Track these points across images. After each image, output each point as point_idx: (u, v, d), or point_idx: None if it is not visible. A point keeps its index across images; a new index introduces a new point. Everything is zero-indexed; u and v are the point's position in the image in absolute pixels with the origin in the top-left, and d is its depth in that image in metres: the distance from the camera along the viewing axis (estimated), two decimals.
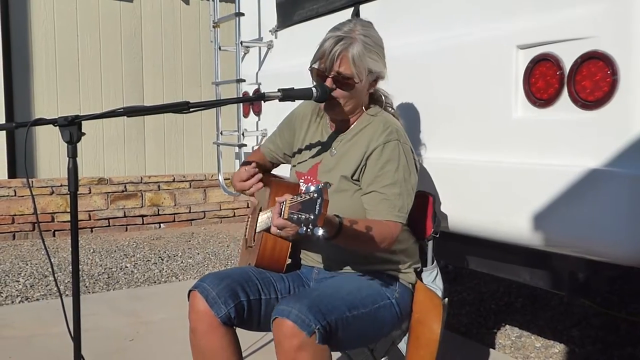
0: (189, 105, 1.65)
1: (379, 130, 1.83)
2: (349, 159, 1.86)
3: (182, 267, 4.71)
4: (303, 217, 1.41)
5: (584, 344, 3.09)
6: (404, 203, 1.79)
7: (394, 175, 1.78)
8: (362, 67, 1.78)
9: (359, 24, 1.81)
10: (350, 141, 1.90)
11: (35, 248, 5.31)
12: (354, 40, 1.76)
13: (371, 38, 1.80)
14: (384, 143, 1.80)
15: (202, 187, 6.57)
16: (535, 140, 1.85)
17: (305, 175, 1.97)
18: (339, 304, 1.66)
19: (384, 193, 1.77)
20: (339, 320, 1.63)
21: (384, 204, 1.77)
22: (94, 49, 6.55)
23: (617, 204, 1.63)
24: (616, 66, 1.62)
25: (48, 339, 3.00)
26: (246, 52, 3.58)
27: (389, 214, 1.76)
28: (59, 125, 1.56)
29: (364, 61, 1.78)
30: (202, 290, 1.77)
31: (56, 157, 6.34)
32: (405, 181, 1.79)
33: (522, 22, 1.89)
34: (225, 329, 1.77)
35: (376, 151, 1.80)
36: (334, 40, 1.76)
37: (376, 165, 1.80)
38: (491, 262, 2.29)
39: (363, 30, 1.79)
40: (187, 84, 7.06)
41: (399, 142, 1.81)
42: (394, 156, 1.79)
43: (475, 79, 2.05)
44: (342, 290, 1.75)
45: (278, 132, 2.14)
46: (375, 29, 1.86)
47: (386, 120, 1.87)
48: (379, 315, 1.78)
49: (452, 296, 3.86)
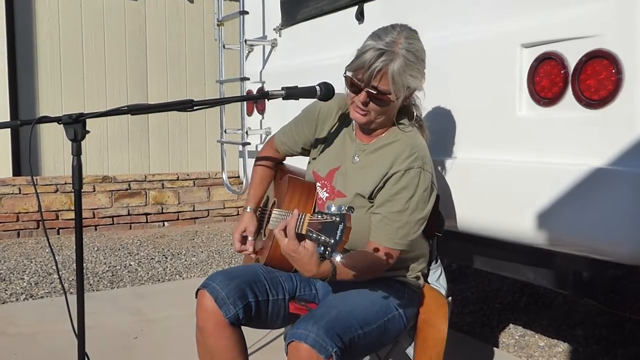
0: (193, 103, 1.65)
1: (405, 154, 1.76)
2: (368, 176, 1.81)
3: (186, 265, 4.72)
4: (322, 238, 1.40)
5: (588, 343, 3.09)
6: (409, 232, 1.74)
7: (405, 203, 1.73)
8: (400, 85, 1.70)
9: (402, 35, 1.71)
10: (373, 154, 1.85)
11: (39, 246, 5.33)
12: (396, 55, 1.67)
13: (413, 53, 1.71)
14: (406, 170, 1.74)
15: (206, 186, 6.57)
16: (539, 139, 1.84)
17: (322, 180, 1.93)
18: (353, 322, 1.65)
19: (389, 218, 1.74)
20: (353, 339, 1.62)
21: (386, 229, 1.74)
22: (99, 47, 6.56)
23: (621, 202, 1.62)
24: (621, 65, 1.61)
25: (52, 336, 3.01)
26: (250, 50, 3.58)
27: (388, 241, 1.73)
28: (64, 123, 1.56)
29: (403, 79, 1.69)
30: (211, 289, 1.76)
31: (60, 155, 6.35)
32: (416, 211, 1.74)
33: (527, 21, 1.89)
34: (232, 329, 1.77)
35: (396, 175, 1.75)
36: (376, 54, 1.66)
37: (391, 190, 1.75)
38: (495, 261, 2.29)
39: (406, 44, 1.69)
40: (191, 82, 7.06)
41: (422, 170, 1.75)
42: (411, 184, 1.74)
43: (479, 78, 2.05)
44: (357, 308, 1.72)
45: (295, 126, 2.06)
46: (419, 40, 1.76)
47: (413, 143, 1.80)
48: (388, 327, 1.77)
49: (455, 295, 3.86)
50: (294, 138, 2.05)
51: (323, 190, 1.91)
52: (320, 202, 1.90)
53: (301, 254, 1.51)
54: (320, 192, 1.91)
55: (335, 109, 1.96)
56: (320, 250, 1.41)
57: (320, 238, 1.41)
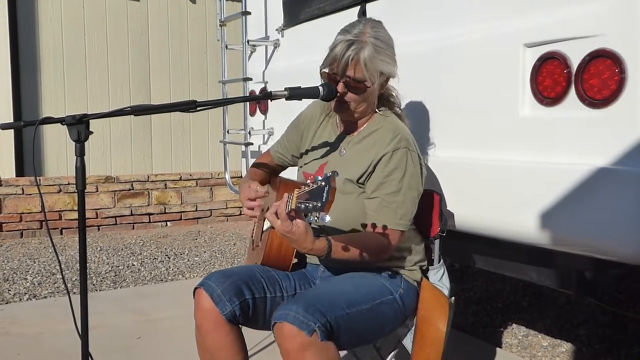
0: (195, 104, 1.65)
1: (388, 137, 1.83)
2: (356, 162, 1.87)
3: (189, 265, 4.72)
4: (310, 205, 1.43)
5: (591, 343, 3.08)
6: (407, 211, 1.80)
7: (398, 183, 1.79)
8: (373, 71, 1.78)
9: (368, 25, 1.80)
10: (359, 144, 1.90)
11: (43, 246, 5.34)
12: (365, 43, 1.75)
13: (381, 40, 1.79)
14: (393, 151, 1.80)
15: (209, 186, 6.58)
16: (542, 138, 1.84)
17: (312, 175, 1.96)
18: (337, 302, 1.66)
19: (386, 200, 1.78)
20: (339, 318, 1.62)
21: (385, 211, 1.78)
22: (101, 47, 6.57)
23: (624, 202, 1.62)
24: (624, 64, 1.61)
25: (56, 336, 3.02)
26: (253, 50, 3.58)
27: (390, 221, 1.77)
28: (67, 124, 1.57)
29: (375, 64, 1.77)
30: (207, 287, 1.78)
31: (64, 155, 6.37)
32: (410, 189, 1.80)
33: (529, 20, 1.88)
34: (230, 327, 1.78)
35: (384, 158, 1.81)
36: (345, 45, 1.75)
37: (382, 172, 1.80)
38: (498, 260, 2.29)
39: (373, 32, 1.78)
40: (194, 82, 7.08)
41: (408, 150, 1.81)
42: (401, 164, 1.80)
43: (482, 78, 2.04)
44: (340, 288, 1.75)
45: (285, 134, 2.15)
46: (385, 29, 1.85)
47: (396, 127, 1.87)
48: (381, 311, 1.78)
49: (458, 295, 3.86)
50: (286, 146, 2.13)
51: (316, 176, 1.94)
52: None
53: (295, 232, 1.54)
54: None
55: (318, 112, 2.05)
56: (310, 218, 1.43)
57: (309, 205, 1.43)
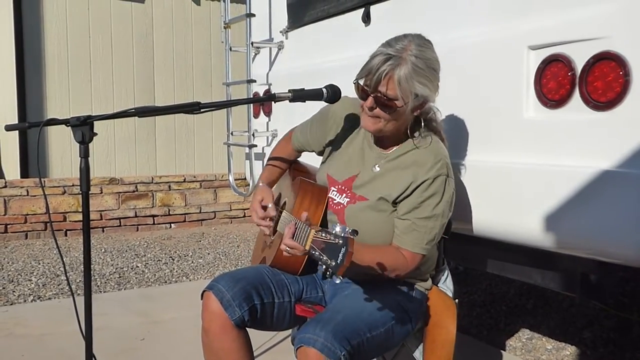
0: (200, 105, 1.65)
1: (430, 162, 1.77)
2: (392, 182, 1.81)
3: (193, 267, 4.73)
4: (324, 258, 1.42)
5: (595, 346, 3.07)
6: (434, 237, 1.77)
7: (433, 209, 1.75)
8: (407, 91, 1.68)
9: (414, 43, 1.69)
10: (394, 162, 1.84)
11: (47, 247, 5.35)
12: (403, 61, 1.66)
13: (423, 60, 1.69)
14: (434, 178, 1.75)
15: (213, 188, 6.58)
16: (546, 141, 1.84)
17: (339, 185, 1.90)
18: (360, 326, 1.65)
19: (417, 224, 1.75)
20: (361, 344, 1.62)
21: (414, 234, 1.75)
22: (106, 49, 6.59)
23: (628, 205, 1.62)
24: (628, 67, 1.61)
25: (60, 337, 3.03)
26: (257, 52, 3.58)
27: (416, 246, 1.75)
28: (72, 126, 1.57)
29: (410, 84, 1.67)
30: (216, 291, 1.77)
31: (68, 157, 6.38)
32: (442, 216, 1.77)
33: (534, 23, 1.88)
34: (237, 331, 1.78)
35: (425, 183, 1.75)
36: (383, 59, 1.66)
37: (420, 197, 1.76)
38: (502, 263, 2.29)
39: (416, 51, 1.68)
40: (198, 84, 7.08)
41: (447, 177, 1.77)
42: (439, 191, 1.76)
43: (486, 80, 2.04)
44: (364, 311, 1.73)
45: (310, 125, 2.06)
46: (432, 50, 1.75)
47: (437, 151, 1.80)
48: (395, 330, 1.77)
49: (462, 298, 3.85)
50: (307, 136, 2.07)
51: (342, 196, 1.88)
52: (339, 207, 1.87)
53: None
54: (337, 197, 1.89)
55: (350, 112, 1.94)
56: (322, 269, 1.44)
57: (322, 258, 1.43)
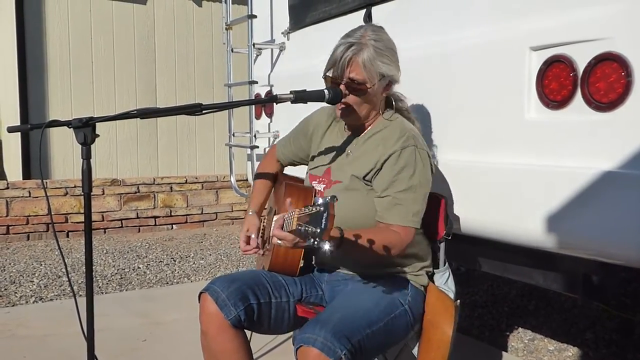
0: (201, 107, 1.66)
1: (396, 136, 1.83)
2: (363, 160, 1.87)
3: (194, 268, 4.73)
4: (310, 229, 1.41)
5: (598, 347, 3.07)
6: (418, 208, 1.79)
7: (409, 180, 1.78)
8: (373, 72, 1.78)
9: (369, 29, 1.81)
10: (365, 144, 1.91)
11: (49, 248, 5.36)
12: (364, 45, 1.77)
13: (382, 42, 1.80)
14: (401, 149, 1.80)
15: (214, 189, 6.59)
16: (548, 142, 1.84)
17: (319, 177, 1.98)
18: (359, 323, 1.66)
19: (397, 198, 1.77)
20: (361, 341, 1.62)
21: (397, 209, 1.77)
22: (108, 51, 6.60)
23: (630, 206, 1.61)
24: (631, 68, 1.61)
25: (62, 338, 3.03)
26: (258, 54, 3.58)
27: (403, 219, 1.76)
28: (73, 127, 1.58)
29: (375, 65, 1.78)
30: (212, 292, 1.78)
31: (70, 158, 6.39)
32: (421, 186, 1.80)
33: (535, 24, 1.88)
34: (235, 331, 1.78)
35: (393, 156, 1.80)
36: (345, 47, 1.77)
37: (392, 171, 1.80)
38: (504, 264, 2.28)
39: (374, 35, 1.79)
40: (200, 85, 7.09)
41: (416, 148, 1.81)
42: (410, 162, 1.79)
43: (488, 81, 2.04)
44: (362, 308, 1.74)
45: (292, 137, 2.15)
46: (386, 33, 1.86)
47: (403, 126, 1.87)
48: (395, 325, 1.77)
49: (464, 298, 3.85)
50: (292, 149, 2.14)
51: (320, 185, 1.96)
52: (319, 195, 1.94)
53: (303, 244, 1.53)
54: (317, 187, 1.96)
55: (325, 118, 2.05)
56: (310, 242, 1.42)
57: (308, 229, 1.42)
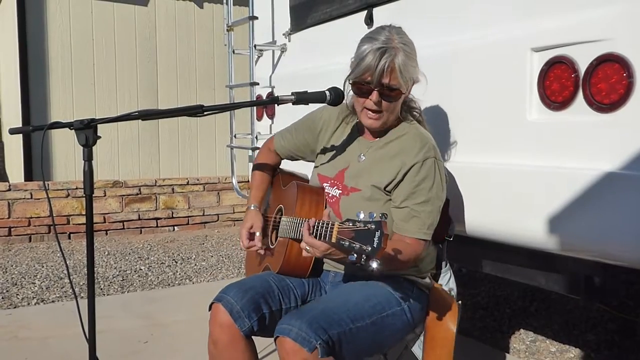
0: (203, 108, 1.66)
1: (417, 146, 1.81)
2: (382, 169, 1.84)
3: (196, 269, 4.73)
4: (357, 246, 1.39)
5: (599, 348, 3.06)
6: (433, 220, 1.79)
7: (427, 193, 1.77)
8: (407, 77, 1.76)
9: (394, 31, 1.77)
10: (382, 149, 1.88)
11: (50, 250, 5.36)
12: (397, 50, 1.73)
13: (409, 45, 1.78)
14: (423, 160, 1.79)
15: (216, 190, 6.59)
16: (549, 143, 1.83)
17: (332, 180, 1.94)
18: (342, 316, 1.65)
19: (415, 210, 1.77)
20: (342, 334, 1.61)
21: (414, 221, 1.77)
22: (109, 53, 6.61)
23: (632, 207, 1.61)
24: (632, 69, 1.60)
25: (63, 340, 3.03)
26: (260, 55, 3.59)
27: (418, 232, 1.76)
28: (75, 129, 1.58)
29: (409, 71, 1.76)
30: (225, 303, 1.77)
31: (72, 160, 6.40)
32: (437, 199, 1.80)
33: (537, 25, 1.88)
34: (246, 342, 1.78)
35: (414, 168, 1.79)
36: (379, 53, 1.71)
37: (412, 182, 1.78)
38: (505, 265, 2.28)
39: (400, 38, 1.76)
40: (201, 87, 7.10)
41: (435, 160, 1.81)
42: (430, 174, 1.78)
43: (489, 82, 2.04)
44: (348, 302, 1.73)
45: (295, 131, 2.11)
46: (406, 34, 1.83)
47: (422, 135, 1.86)
48: (386, 323, 1.76)
49: (466, 300, 3.84)
50: (294, 143, 2.10)
51: (334, 189, 1.92)
52: (333, 199, 1.91)
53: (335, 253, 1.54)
54: (331, 191, 1.93)
55: (335, 115, 2.01)
56: (353, 258, 1.39)
57: (355, 246, 1.39)
